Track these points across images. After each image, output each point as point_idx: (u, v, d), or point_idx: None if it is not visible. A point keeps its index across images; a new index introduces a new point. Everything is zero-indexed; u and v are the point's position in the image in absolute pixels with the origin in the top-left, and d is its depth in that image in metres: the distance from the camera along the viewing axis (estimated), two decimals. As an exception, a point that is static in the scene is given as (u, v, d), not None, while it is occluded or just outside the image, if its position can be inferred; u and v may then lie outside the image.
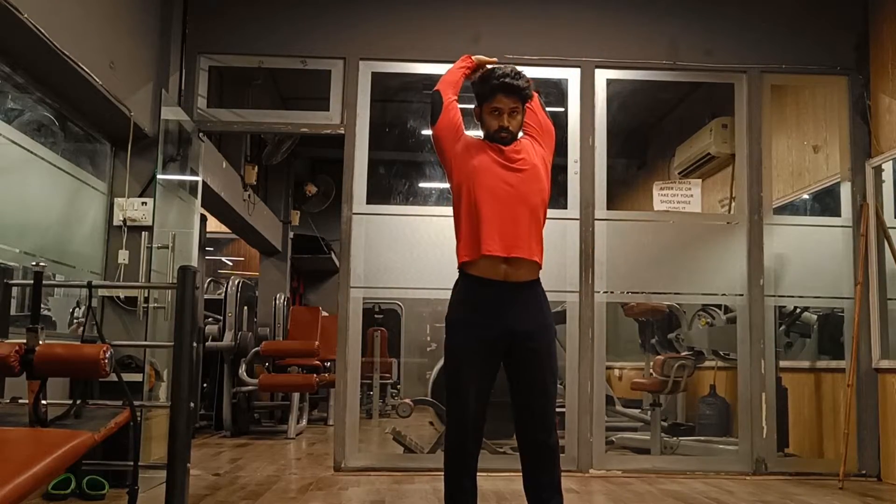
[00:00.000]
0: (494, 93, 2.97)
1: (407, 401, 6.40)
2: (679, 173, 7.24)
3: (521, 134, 3.09)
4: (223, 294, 8.02)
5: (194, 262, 5.40)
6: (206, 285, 9.12)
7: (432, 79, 6.05)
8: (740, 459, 5.21)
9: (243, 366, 7.45)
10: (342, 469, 5.02)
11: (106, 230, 4.88)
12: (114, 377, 2.49)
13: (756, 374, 5.22)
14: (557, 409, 3.11)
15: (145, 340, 4.63)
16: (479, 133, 3.08)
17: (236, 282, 7.90)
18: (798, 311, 6.09)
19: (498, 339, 2.89)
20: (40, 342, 2.44)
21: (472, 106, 3.11)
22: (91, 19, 4.09)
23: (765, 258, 5.29)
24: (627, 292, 5.51)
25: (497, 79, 2.97)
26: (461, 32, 5.39)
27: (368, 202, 5.25)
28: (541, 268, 2.99)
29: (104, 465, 3.69)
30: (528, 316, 2.90)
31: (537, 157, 3.02)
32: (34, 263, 3.16)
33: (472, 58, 3.14)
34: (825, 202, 5.90)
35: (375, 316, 10.57)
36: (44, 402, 2.40)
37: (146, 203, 4.83)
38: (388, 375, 10.05)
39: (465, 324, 2.94)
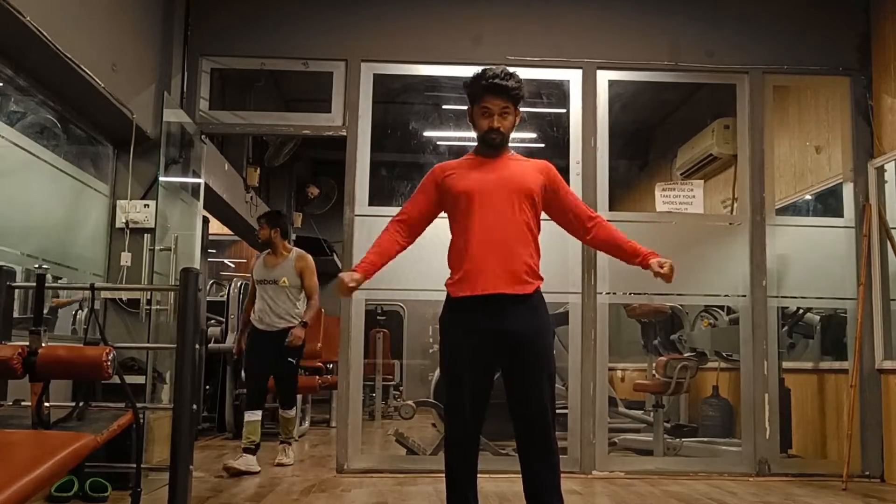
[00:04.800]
0: (484, 93, 2.95)
1: (409, 402, 6.39)
2: (681, 174, 7.24)
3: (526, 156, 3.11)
4: (225, 296, 8.02)
5: (196, 264, 5.40)
6: (208, 287, 9.12)
7: (434, 80, 6.13)
8: (743, 461, 5.20)
9: (246, 368, 7.45)
10: (345, 471, 5.02)
11: (108, 232, 4.89)
12: (116, 379, 2.50)
13: (759, 375, 5.21)
14: (559, 411, 3.11)
15: (148, 342, 4.63)
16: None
17: (239, 283, 7.90)
18: (801, 311, 6.09)
19: (489, 339, 2.88)
20: (43, 344, 2.44)
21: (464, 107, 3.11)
22: (93, 22, 4.10)
23: (767, 259, 5.29)
24: (630, 293, 5.50)
25: (486, 79, 2.94)
26: (463, 34, 5.40)
27: (370, 204, 5.25)
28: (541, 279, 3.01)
29: (107, 467, 3.70)
30: (520, 316, 2.89)
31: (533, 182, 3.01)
32: (36, 266, 3.16)
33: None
34: (828, 203, 5.90)
35: (378, 318, 10.57)
36: (46, 404, 2.41)
37: (148, 205, 4.83)
38: (390, 377, 10.05)
39: (456, 324, 2.94)
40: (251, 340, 5.53)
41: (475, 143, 3.10)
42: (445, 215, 3.10)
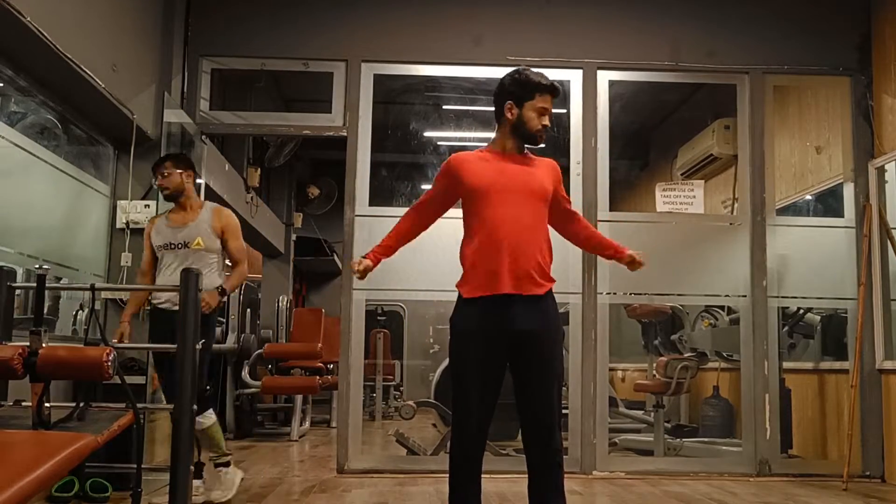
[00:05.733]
0: (542, 92, 2.98)
1: (410, 403, 6.40)
2: (682, 174, 7.24)
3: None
4: (226, 296, 8.01)
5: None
6: (208, 288, 9.11)
7: (434, 80, 6.13)
8: (744, 461, 5.20)
9: (246, 368, 7.45)
10: (345, 471, 5.02)
11: (109, 233, 4.89)
12: (117, 380, 2.49)
13: (759, 375, 5.21)
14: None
15: (148, 343, 4.62)
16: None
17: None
18: (801, 312, 6.09)
19: (499, 339, 2.88)
20: (43, 345, 2.44)
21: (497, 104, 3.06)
22: (93, 22, 4.10)
23: (768, 259, 5.29)
24: (630, 293, 5.50)
25: (544, 79, 2.99)
26: (463, 34, 5.40)
27: (371, 204, 5.25)
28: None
29: (107, 467, 3.70)
30: (532, 317, 2.90)
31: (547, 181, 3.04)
32: (37, 266, 3.16)
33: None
34: (828, 203, 5.89)
35: (378, 318, 10.57)
36: (47, 404, 2.40)
37: (149, 205, 4.83)
38: (390, 377, 10.06)
39: (467, 324, 2.94)
40: (153, 326, 4.12)
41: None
42: (459, 215, 3.08)
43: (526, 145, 3.04)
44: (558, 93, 3.02)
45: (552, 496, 2.90)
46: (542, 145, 3.04)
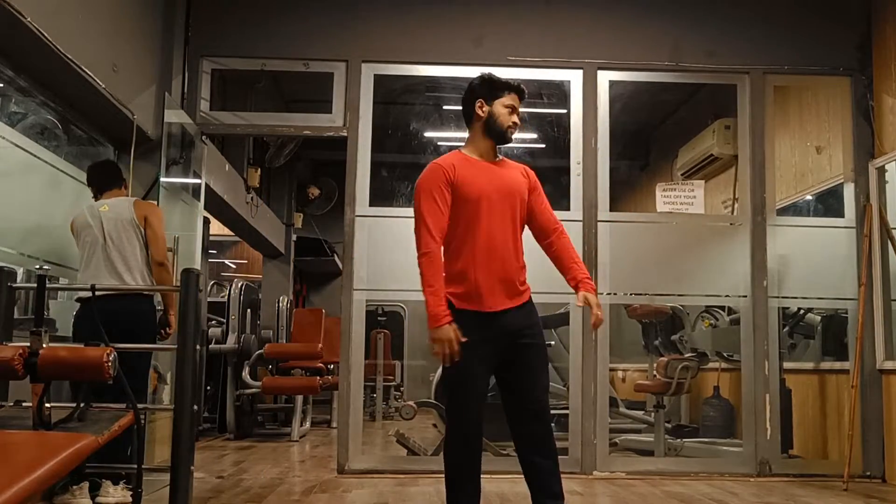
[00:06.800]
0: (510, 91, 3.03)
1: (410, 403, 6.40)
2: (682, 175, 7.24)
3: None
4: (226, 297, 8.03)
5: (197, 265, 5.39)
6: (209, 288, 9.13)
7: (435, 81, 6.13)
8: (744, 461, 5.20)
9: (246, 368, 7.46)
10: (346, 471, 5.02)
11: (109, 233, 4.87)
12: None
13: (760, 375, 5.21)
14: (560, 412, 3.13)
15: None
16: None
17: (239, 284, 7.91)
18: (802, 312, 6.09)
19: (495, 340, 2.91)
20: (44, 345, 2.44)
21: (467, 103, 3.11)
22: (94, 23, 4.10)
23: (768, 259, 5.29)
24: (631, 294, 5.50)
25: (510, 80, 3.06)
26: (463, 34, 5.40)
27: (371, 204, 5.25)
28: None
29: (108, 468, 3.69)
30: (520, 317, 2.96)
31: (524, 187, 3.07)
32: (37, 267, 3.17)
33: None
34: (828, 203, 5.89)
35: (378, 318, 10.57)
36: (48, 405, 2.41)
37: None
38: (391, 378, 10.06)
39: (461, 327, 2.94)
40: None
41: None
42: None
43: (497, 145, 3.06)
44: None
45: (558, 487, 2.90)
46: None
